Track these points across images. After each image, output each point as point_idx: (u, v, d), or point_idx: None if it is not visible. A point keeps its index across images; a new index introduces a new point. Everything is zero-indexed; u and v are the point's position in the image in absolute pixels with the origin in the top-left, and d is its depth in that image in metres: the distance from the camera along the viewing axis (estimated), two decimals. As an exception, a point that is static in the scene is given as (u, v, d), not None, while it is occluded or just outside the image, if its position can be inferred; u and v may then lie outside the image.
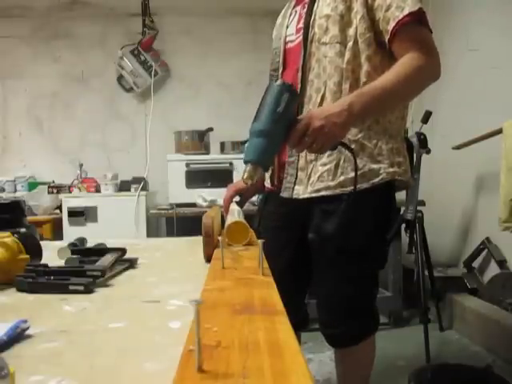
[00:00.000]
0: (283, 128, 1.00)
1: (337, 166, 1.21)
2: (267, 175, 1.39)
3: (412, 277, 2.58)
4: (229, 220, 1.10)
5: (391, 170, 1.22)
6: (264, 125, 0.99)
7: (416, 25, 1.12)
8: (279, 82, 1.03)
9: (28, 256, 0.82)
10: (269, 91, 1.01)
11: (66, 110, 3.66)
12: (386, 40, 1.15)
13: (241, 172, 1.07)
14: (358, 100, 1.05)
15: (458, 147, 2.68)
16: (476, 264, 2.80)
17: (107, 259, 0.88)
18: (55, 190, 3.15)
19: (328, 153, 1.17)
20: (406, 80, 1.09)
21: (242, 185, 1.41)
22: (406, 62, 1.11)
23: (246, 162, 1.02)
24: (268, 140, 1.00)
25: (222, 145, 3.21)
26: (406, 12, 1.10)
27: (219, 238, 0.87)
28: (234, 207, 1.32)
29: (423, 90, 1.18)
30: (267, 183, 1.40)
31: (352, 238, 1.22)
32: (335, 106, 1.06)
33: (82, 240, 1.12)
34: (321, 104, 1.20)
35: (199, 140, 3.14)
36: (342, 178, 1.20)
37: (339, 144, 1.07)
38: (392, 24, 1.12)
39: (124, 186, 3.17)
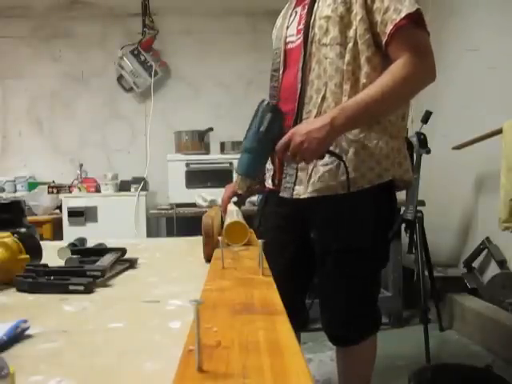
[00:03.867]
0: (268, 144, 1.14)
1: (338, 166, 1.21)
2: (268, 175, 1.39)
3: (412, 277, 2.59)
4: (227, 220, 1.11)
5: (392, 169, 1.23)
6: (249, 142, 1.15)
7: (413, 27, 1.13)
8: (264, 103, 1.15)
9: (28, 256, 0.82)
10: (256, 111, 1.15)
11: (65, 110, 3.67)
12: (383, 42, 1.15)
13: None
14: (340, 115, 1.10)
15: (458, 147, 2.69)
16: (476, 264, 2.80)
17: (107, 259, 0.88)
18: (55, 190, 3.15)
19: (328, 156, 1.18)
20: (393, 90, 1.11)
21: None
22: (396, 69, 1.12)
23: (237, 174, 1.19)
24: (253, 156, 1.16)
25: (222, 145, 3.21)
26: (403, 14, 1.11)
27: (219, 238, 0.87)
28: (232, 208, 1.32)
29: (415, 94, 1.19)
30: (268, 183, 1.40)
31: (354, 238, 1.22)
32: (318, 120, 1.12)
33: (82, 240, 1.12)
34: (321, 104, 1.21)
35: (199, 140, 3.14)
36: (343, 178, 1.20)
37: (326, 153, 1.14)
38: (389, 27, 1.12)
39: (124, 186, 3.17)
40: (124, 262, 0.93)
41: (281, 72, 1.33)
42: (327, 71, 1.20)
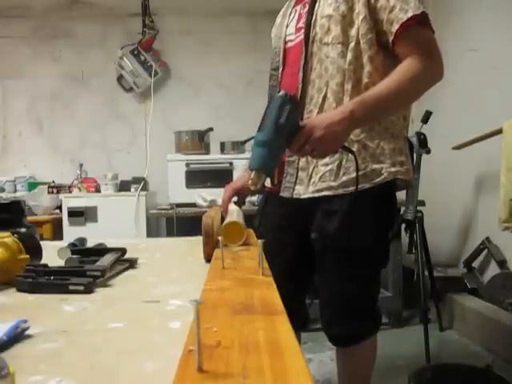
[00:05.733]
0: (285, 137, 1.06)
1: (339, 166, 1.21)
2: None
3: (412, 277, 2.59)
4: (226, 220, 1.11)
5: (393, 169, 1.22)
6: (266, 135, 1.06)
7: (419, 27, 1.13)
8: (282, 93, 1.06)
9: (28, 256, 0.82)
10: (272, 102, 1.07)
11: (66, 110, 3.67)
12: (390, 41, 1.15)
13: (240, 172, 1.11)
14: (360, 108, 1.08)
15: (458, 147, 2.68)
16: (476, 264, 2.80)
17: (107, 259, 0.88)
18: (55, 190, 3.15)
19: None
20: (405, 87, 1.11)
21: (239, 185, 1.41)
22: (407, 67, 1.12)
23: (250, 169, 1.08)
24: (270, 149, 1.06)
25: (222, 145, 3.21)
26: (409, 14, 1.11)
27: (219, 237, 0.87)
28: (232, 207, 1.33)
29: (425, 92, 1.19)
30: (267, 183, 1.40)
31: (354, 238, 1.22)
32: (336, 113, 1.09)
33: (82, 240, 1.12)
34: (322, 104, 1.20)
35: (199, 140, 3.14)
36: (344, 178, 1.20)
37: (340, 148, 1.12)
38: (396, 26, 1.12)
39: (124, 186, 3.17)
40: (124, 262, 0.93)
41: (280, 71, 1.33)
42: (328, 70, 1.20)
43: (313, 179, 1.23)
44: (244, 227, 1.07)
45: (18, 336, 0.50)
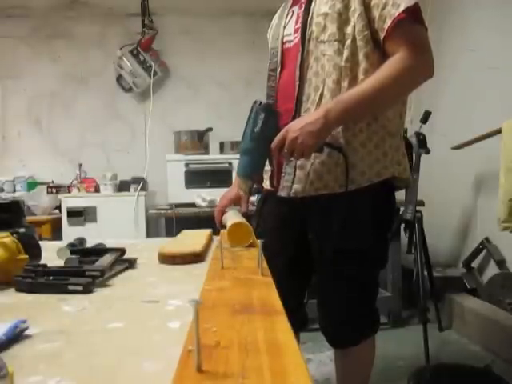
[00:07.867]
0: (264, 144, 1.15)
1: (336, 164, 1.20)
2: (266, 176, 1.39)
3: (411, 277, 2.58)
4: (231, 220, 1.10)
5: (391, 167, 1.22)
6: (245, 144, 1.18)
7: (411, 22, 1.12)
8: (257, 103, 1.16)
9: (27, 256, 0.81)
10: (250, 112, 1.18)
11: (65, 110, 3.67)
12: (381, 38, 1.15)
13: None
14: (335, 107, 1.10)
15: (458, 147, 2.69)
16: (475, 264, 2.80)
17: (106, 259, 0.88)
18: (54, 190, 3.15)
19: (327, 151, 1.18)
20: (388, 85, 1.10)
21: (233, 195, 1.39)
22: (392, 64, 1.12)
23: (237, 176, 1.21)
24: (251, 157, 1.19)
25: (222, 145, 3.21)
26: (401, 9, 1.10)
27: (218, 237, 0.87)
28: (230, 211, 1.32)
29: (413, 90, 1.18)
30: (266, 185, 1.40)
31: (352, 238, 1.22)
32: (312, 114, 1.12)
33: (81, 240, 1.12)
34: (320, 102, 1.20)
35: (198, 140, 3.14)
36: (341, 176, 1.20)
37: (324, 145, 1.14)
38: (388, 22, 1.12)
39: (123, 186, 3.17)
40: (123, 261, 0.93)
41: (278, 71, 1.32)
42: (325, 68, 1.20)
43: (311, 177, 1.23)
44: (251, 229, 1.05)
45: (16, 336, 0.50)
